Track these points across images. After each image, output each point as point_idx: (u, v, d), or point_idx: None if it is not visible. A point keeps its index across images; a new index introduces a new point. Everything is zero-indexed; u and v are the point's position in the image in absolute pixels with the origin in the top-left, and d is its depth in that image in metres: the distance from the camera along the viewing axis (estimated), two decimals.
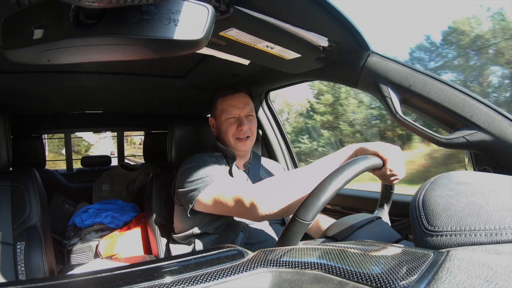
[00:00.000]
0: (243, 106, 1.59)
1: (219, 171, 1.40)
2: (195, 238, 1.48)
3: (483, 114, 1.04)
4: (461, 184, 0.66)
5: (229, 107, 1.59)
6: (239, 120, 1.58)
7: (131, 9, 0.56)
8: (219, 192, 1.28)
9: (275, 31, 1.09)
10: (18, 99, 2.17)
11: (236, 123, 1.58)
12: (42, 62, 0.60)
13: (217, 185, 1.32)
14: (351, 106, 12.48)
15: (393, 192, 1.18)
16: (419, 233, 0.61)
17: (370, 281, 0.44)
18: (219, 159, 1.55)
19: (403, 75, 1.18)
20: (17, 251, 1.52)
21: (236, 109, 1.58)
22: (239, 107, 1.58)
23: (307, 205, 0.82)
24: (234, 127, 1.57)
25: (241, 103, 1.59)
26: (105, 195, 3.32)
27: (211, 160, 1.48)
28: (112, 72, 1.80)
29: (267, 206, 1.12)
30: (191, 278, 0.50)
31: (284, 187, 1.12)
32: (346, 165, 0.89)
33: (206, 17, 0.59)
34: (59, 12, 0.56)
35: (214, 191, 1.30)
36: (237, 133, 1.57)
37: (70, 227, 2.71)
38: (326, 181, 0.84)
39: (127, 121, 3.56)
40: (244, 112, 1.58)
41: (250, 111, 1.61)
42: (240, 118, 1.58)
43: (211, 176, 1.36)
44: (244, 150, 1.61)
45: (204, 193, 1.32)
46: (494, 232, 0.54)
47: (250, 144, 1.61)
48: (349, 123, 12.31)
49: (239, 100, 1.60)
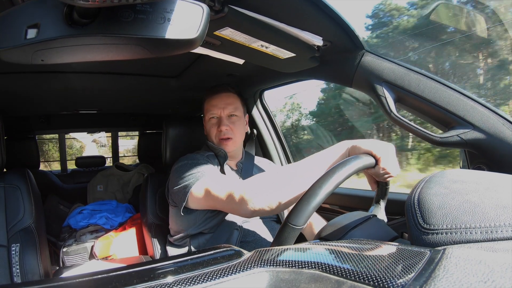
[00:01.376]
0: (224, 106, 1.59)
1: (210, 168, 1.40)
2: (191, 239, 1.47)
3: (477, 113, 1.05)
4: (456, 182, 0.66)
5: (211, 107, 1.60)
6: (219, 121, 1.58)
7: (126, 8, 0.56)
8: (211, 185, 1.28)
9: (269, 30, 1.09)
10: (11, 100, 2.16)
11: (217, 124, 1.59)
12: (35, 62, 0.59)
13: (208, 178, 1.31)
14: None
15: (389, 188, 1.18)
16: (414, 231, 0.61)
17: (368, 280, 0.44)
18: (211, 158, 1.55)
19: (397, 74, 1.18)
20: (11, 253, 1.51)
21: (217, 109, 1.59)
22: (220, 107, 1.58)
23: (298, 210, 0.82)
24: (215, 128, 1.59)
25: (223, 103, 1.59)
26: (99, 196, 3.31)
27: (202, 158, 1.48)
28: (107, 72, 1.79)
29: (257, 202, 1.12)
30: (188, 279, 0.50)
31: (275, 184, 1.12)
32: (336, 167, 0.88)
33: (201, 16, 0.59)
34: (53, 11, 0.55)
35: (205, 184, 1.30)
36: (218, 133, 1.58)
37: (65, 228, 2.70)
38: (317, 184, 0.84)
39: (122, 121, 3.55)
40: (225, 112, 1.58)
41: (233, 110, 1.60)
42: (220, 118, 1.58)
43: (202, 171, 1.36)
44: (228, 151, 1.60)
45: (196, 187, 1.32)
46: (490, 230, 0.54)
47: (233, 145, 1.60)
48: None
49: (221, 100, 1.60)
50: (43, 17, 0.55)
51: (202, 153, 1.59)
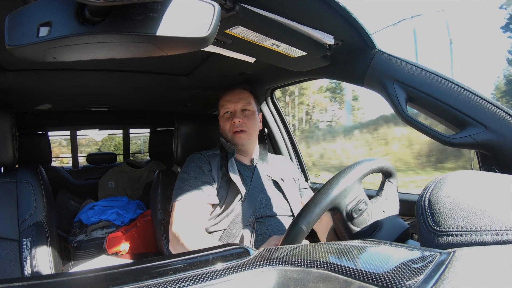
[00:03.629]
0: (237, 100, 1.63)
1: (192, 185, 1.49)
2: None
3: (490, 113, 1.03)
4: (467, 184, 0.65)
5: (225, 102, 1.65)
6: (233, 114, 1.62)
7: (137, 7, 0.56)
8: (174, 212, 1.44)
9: (281, 29, 1.09)
10: (24, 97, 2.18)
11: (231, 118, 1.62)
12: (47, 60, 0.60)
13: (177, 205, 1.45)
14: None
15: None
16: (425, 233, 0.60)
17: (376, 281, 0.44)
18: (213, 158, 1.60)
19: (409, 73, 1.17)
20: (22, 247, 1.52)
21: (230, 104, 1.63)
22: (234, 101, 1.63)
23: (307, 211, 0.83)
24: (229, 122, 1.62)
25: (236, 97, 1.64)
26: (110, 192, 3.34)
27: (197, 167, 1.55)
28: (118, 70, 1.81)
29: (172, 247, 1.36)
30: (196, 276, 0.50)
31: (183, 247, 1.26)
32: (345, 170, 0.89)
33: (212, 14, 0.59)
34: (65, 9, 0.56)
35: (175, 207, 1.45)
36: (231, 127, 1.61)
37: (76, 223, 2.73)
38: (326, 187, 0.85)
39: (133, 118, 3.57)
40: (238, 106, 1.62)
41: (246, 105, 1.64)
42: (234, 111, 1.63)
43: (183, 190, 1.47)
44: (241, 144, 1.62)
45: (174, 202, 1.46)
46: (501, 233, 0.53)
47: (246, 137, 1.62)
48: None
49: (234, 95, 1.65)
50: (55, 15, 0.56)
51: (208, 151, 1.65)
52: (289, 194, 1.61)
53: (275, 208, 1.54)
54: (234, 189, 1.49)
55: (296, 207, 1.59)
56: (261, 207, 1.50)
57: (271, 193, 1.58)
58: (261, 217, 1.49)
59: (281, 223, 1.52)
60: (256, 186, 1.54)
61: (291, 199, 1.60)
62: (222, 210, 1.48)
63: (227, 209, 1.46)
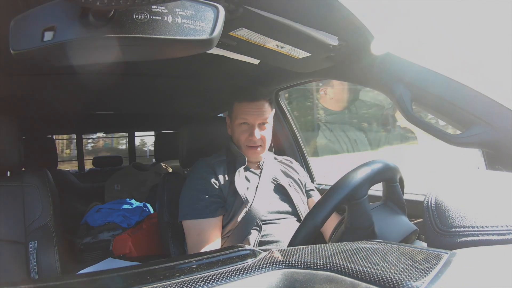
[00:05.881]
0: (258, 114, 1.55)
1: (200, 200, 1.48)
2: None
3: (496, 112, 1.03)
4: (473, 184, 0.65)
5: (243, 114, 1.55)
6: (251, 128, 1.55)
7: (141, 10, 0.57)
8: (187, 231, 1.49)
9: (285, 30, 1.09)
10: (29, 101, 2.19)
11: (248, 131, 1.55)
12: (52, 64, 0.60)
13: (187, 224, 1.49)
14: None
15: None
16: (432, 233, 0.60)
17: (383, 282, 0.44)
18: (219, 166, 1.56)
19: (414, 73, 1.16)
20: (29, 250, 1.53)
21: (249, 116, 1.54)
22: (254, 114, 1.54)
23: (317, 210, 0.83)
24: (246, 135, 1.55)
25: (257, 110, 1.55)
26: (117, 195, 3.34)
27: (202, 179, 1.53)
28: (123, 73, 1.81)
29: None
30: (203, 278, 0.50)
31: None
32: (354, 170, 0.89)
33: (216, 17, 0.59)
34: (69, 13, 0.56)
35: (185, 224, 1.50)
36: (248, 141, 1.56)
37: (82, 226, 2.73)
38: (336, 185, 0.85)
39: (138, 122, 3.58)
40: (258, 120, 1.55)
41: (266, 119, 1.57)
42: (252, 126, 1.55)
43: (190, 207, 1.49)
44: (255, 158, 1.60)
45: (183, 221, 1.51)
46: (507, 232, 0.53)
47: (261, 152, 1.59)
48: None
49: (255, 108, 1.55)
50: (59, 20, 0.56)
51: (216, 157, 1.62)
52: (296, 198, 1.59)
53: (282, 213, 1.53)
54: (240, 198, 1.47)
55: (303, 211, 1.58)
56: (267, 212, 1.49)
57: (278, 198, 1.57)
58: (267, 221, 1.48)
59: (288, 228, 1.50)
60: (262, 192, 1.52)
61: (298, 203, 1.58)
62: (230, 217, 1.46)
63: (234, 217, 1.45)
